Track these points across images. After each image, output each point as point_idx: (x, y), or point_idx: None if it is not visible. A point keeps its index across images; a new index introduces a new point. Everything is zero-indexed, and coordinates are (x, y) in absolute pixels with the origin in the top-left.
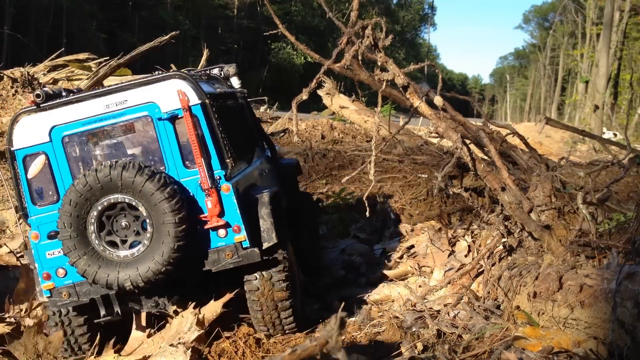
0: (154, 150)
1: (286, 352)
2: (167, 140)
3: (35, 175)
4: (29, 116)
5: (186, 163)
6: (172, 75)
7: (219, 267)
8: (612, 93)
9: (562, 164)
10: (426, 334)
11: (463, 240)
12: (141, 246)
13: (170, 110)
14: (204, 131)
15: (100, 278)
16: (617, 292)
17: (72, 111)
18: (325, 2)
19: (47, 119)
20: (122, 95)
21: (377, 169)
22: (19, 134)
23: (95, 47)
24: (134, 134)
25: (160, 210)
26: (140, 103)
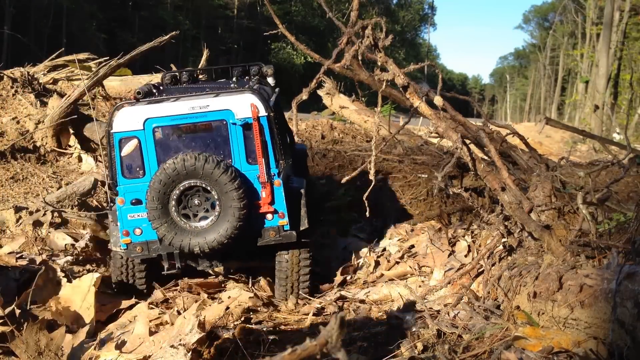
0: (225, 147)
1: (286, 351)
2: (236, 140)
3: (128, 154)
4: (128, 107)
5: (249, 160)
6: (247, 90)
7: (263, 242)
8: (612, 93)
9: (562, 164)
10: (426, 334)
11: (463, 240)
12: (209, 221)
13: (242, 118)
14: (266, 137)
15: (175, 242)
16: (617, 292)
17: (163, 108)
18: (325, 2)
19: (142, 111)
20: (206, 100)
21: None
22: (119, 121)
23: (95, 47)
24: (211, 132)
25: (229, 196)
26: (219, 109)
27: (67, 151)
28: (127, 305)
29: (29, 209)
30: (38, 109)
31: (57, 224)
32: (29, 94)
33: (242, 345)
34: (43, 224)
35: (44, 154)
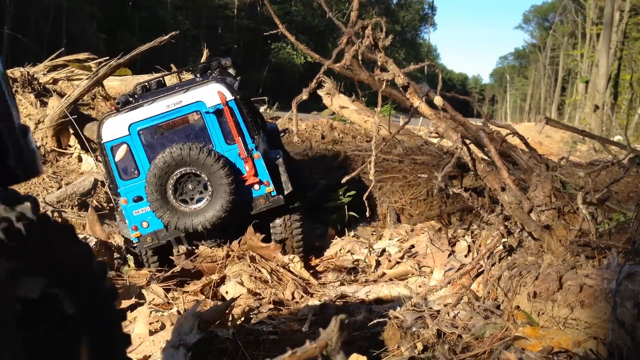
0: (204, 134)
1: (286, 353)
2: (212, 126)
3: (121, 158)
4: (112, 117)
5: (227, 141)
6: (211, 80)
7: (256, 211)
8: (612, 93)
9: (562, 164)
10: (426, 334)
11: (463, 240)
12: (205, 201)
13: (213, 105)
14: (238, 118)
15: (179, 225)
16: (617, 292)
17: (143, 111)
18: (325, 2)
19: (125, 118)
20: (178, 97)
21: (377, 169)
22: (106, 131)
23: (95, 47)
24: (188, 124)
25: (217, 176)
26: (191, 102)
27: (67, 151)
28: (126, 306)
29: None
30: (38, 109)
31: None
32: (29, 94)
33: (242, 345)
34: None
35: (44, 154)
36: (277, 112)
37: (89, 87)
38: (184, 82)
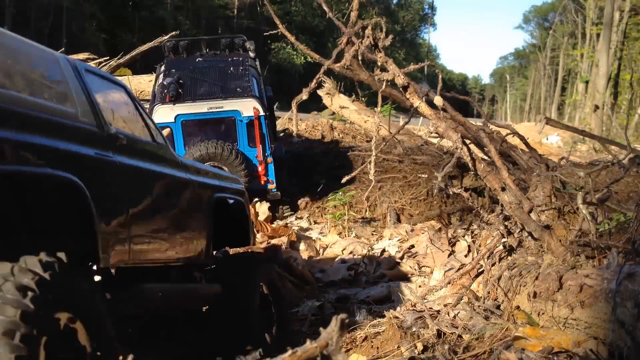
0: (233, 135)
1: (286, 353)
2: (241, 131)
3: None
4: (163, 106)
5: (250, 144)
6: (250, 95)
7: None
8: (612, 93)
9: (562, 164)
10: (426, 334)
11: (463, 240)
12: None
13: (247, 116)
14: (263, 130)
15: None
16: (617, 292)
17: (189, 107)
18: (325, 2)
19: (174, 109)
20: (221, 103)
21: (377, 169)
22: (157, 115)
23: (95, 47)
24: (222, 125)
25: (237, 171)
26: (230, 109)
27: None
28: None
29: None
30: None
31: None
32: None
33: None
34: None
35: None
36: (277, 112)
37: None
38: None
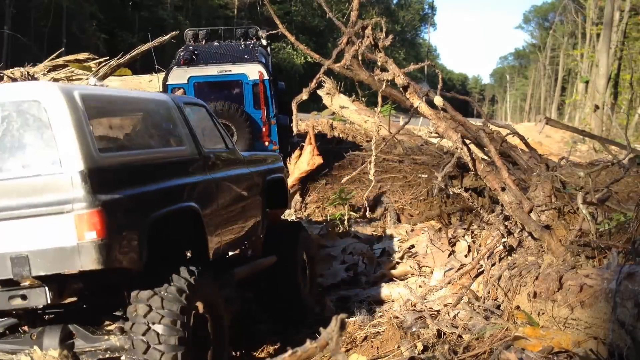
0: (240, 97)
1: (286, 353)
2: (247, 93)
3: None
4: (178, 69)
5: (255, 106)
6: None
7: None
8: (612, 93)
9: (562, 164)
10: (426, 334)
11: (463, 240)
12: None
13: (252, 80)
14: (267, 92)
15: None
16: (617, 292)
17: (201, 70)
18: (325, 2)
19: (187, 71)
20: (229, 66)
21: (377, 169)
22: (172, 76)
23: (95, 47)
24: (230, 87)
25: (242, 128)
26: (238, 72)
27: None
28: None
29: None
30: None
31: None
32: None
33: (242, 345)
34: None
35: None
36: None
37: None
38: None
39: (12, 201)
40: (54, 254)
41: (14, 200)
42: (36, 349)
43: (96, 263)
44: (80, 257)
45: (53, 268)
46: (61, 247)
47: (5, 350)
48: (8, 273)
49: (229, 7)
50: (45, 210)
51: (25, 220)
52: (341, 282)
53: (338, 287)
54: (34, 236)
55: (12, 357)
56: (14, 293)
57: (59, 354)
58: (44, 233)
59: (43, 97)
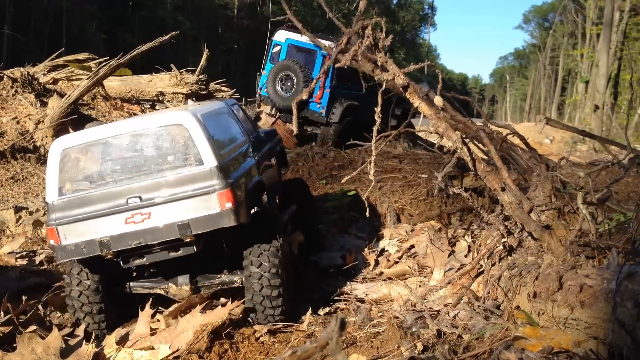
0: (313, 63)
1: (286, 353)
2: (318, 61)
3: (275, 52)
4: (282, 30)
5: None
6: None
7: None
8: (612, 93)
9: (562, 164)
10: (426, 334)
11: (463, 240)
12: (292, 92)
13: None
14: (331, 67)
15: (277, 102)
16: (617, 292)
17: (295, 36)
18: (325, 2)
19: (286, 34)
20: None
21: (377, 169)
22: (276, 35)
23: (95, 47)
24: (310, 54)
25: (300, 82)
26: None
27: None
28: None
29: (29, 209)
30: (38, 109)
31: None
32: (29, 94)
33: (242, 345)
34: (43, 224)
35: (44, 154)
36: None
37: (89, 87)
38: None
39: (176, 189)
40: (206, 219)
41: (177, 188)
42: (172, 285)
43: (232, 221)
44: (222, 219)
45: (205, 228)
46: (210, 214)
47: (145, 287)
48: (176, 234)
49: (229, 7)
50: (197, 192)
51: (184, 200)
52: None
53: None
54: (192, 209)
55: (150, 291)
56: (174, 248)
57: (189, 287)
58: (198, 207)
59: (184, 121)
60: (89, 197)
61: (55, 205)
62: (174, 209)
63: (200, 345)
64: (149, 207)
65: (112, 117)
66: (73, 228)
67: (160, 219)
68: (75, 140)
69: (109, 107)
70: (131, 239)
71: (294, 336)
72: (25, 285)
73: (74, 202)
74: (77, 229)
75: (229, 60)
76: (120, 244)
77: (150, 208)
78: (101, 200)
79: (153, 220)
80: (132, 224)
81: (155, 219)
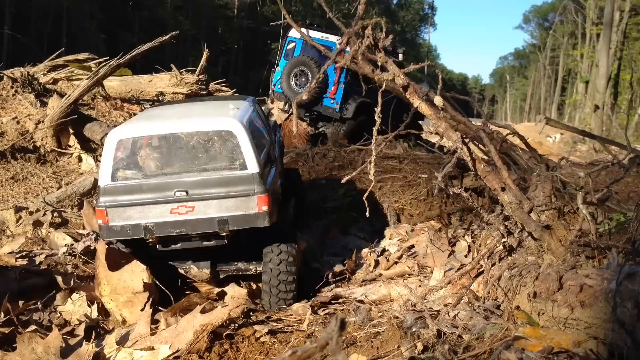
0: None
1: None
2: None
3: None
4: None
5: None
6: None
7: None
8: (612, 93)
9: (562, 164)
10: (426, 334)
11: (463, 240)
12: (305, 87)
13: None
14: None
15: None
16: (617, 292)
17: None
18: (325, 2)
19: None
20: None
21: (377, 169)
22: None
23: (95, 47)
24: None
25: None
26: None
27: (67, 151)
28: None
29: (29, 209)
30: (38, 109)
31: (57, 224)
32: (29, 94)
33: (242, 346)
34: (43, 224)
35: (44, 154)
36: None
37: (89, 87)
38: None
39: (220, 189)
40: (243, 217)
41: (221, 188)
42: (194, 267)
43: (266, 222)
44: (258, 219)
45: (242, 225)
46: (248, 214)
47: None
48: (215, 228)
49: (229, 7)
50: (238, 193)
51: (226, 199)
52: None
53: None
54: (231, 208)
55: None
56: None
57: (209, 271)
58: (237, 206)
59: (233, 128)
60: (139, 186)
61: (107, 189)
62: (216, 205)
63: (200, 345)
64: (194, 201)
65: (112, 117)
66: (121, 212)
67: (202, 213)
68: (131, 132)
69: (109, 107)
70: (174, 227)
71: (294, 336)
72: (25, 286)
73: (125, 188)
74: (125, 212)
75: (229, 60)
76: (163, 230)
77: (195, 202)
78: (150, 190)
79: (196, 213)
80: (176, 214)
81: (198, 213)
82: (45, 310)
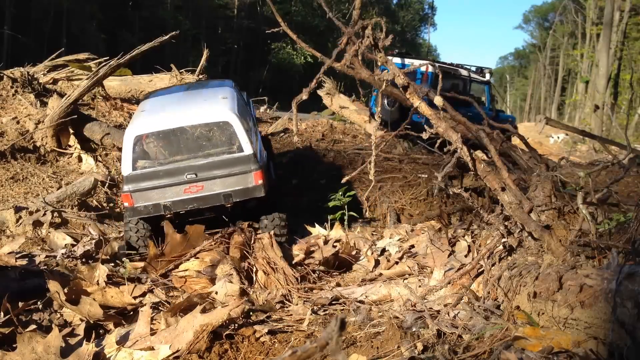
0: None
1: (286, 353)
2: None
3: None
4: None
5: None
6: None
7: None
8: (612, 93)
9: (562, 164)
10: (426, 334)
11: (463, 240)
12: (394, 104)
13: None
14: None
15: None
16: (617, 292)
17: (399, 59)
18: (325, 2)
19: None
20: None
21: (377, 169)
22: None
23: (95, 47)
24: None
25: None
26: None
27: (67, 151)
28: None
29: (29, 209)
30: (38, 109)
31: (57, 224)
32: (29, 94)
33: (242, 346)
34: (43, 224)
35: (44, 154)
36: (277, 112)
37: (89, 87)
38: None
39: (223, 169)
40: (243, 191)
41: (223, 169)
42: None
43: (262, 193)
44: (255, 191)
45: (243, 197)
46: (247, 187)
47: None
48: (221, 201)
49: (229, 7)
50: (238, 171)
51: (228, 177)
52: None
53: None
54: (233, 184)
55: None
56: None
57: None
58: (238, 182)
59: (229, 119)
60: (156, 172)
61: (130, 177)
62: (220, 183)
63: (200, 345)
64: (202, 181)
65: (112, 117)
66: (144, 194)
67: (210, 190)
68: (146, 128)
69: (109, 107)
70: (188, 203)
71: (294, 336)
72: (26, 286)
73: (145, 175)
74: (146, 195)
75: (229, 60)
76: (178, 207)
77: (203, 182)
78: (165, 175)
79: (205, 190)
80: (189, 193)
81: (206, 190)
82: (45, 310)
